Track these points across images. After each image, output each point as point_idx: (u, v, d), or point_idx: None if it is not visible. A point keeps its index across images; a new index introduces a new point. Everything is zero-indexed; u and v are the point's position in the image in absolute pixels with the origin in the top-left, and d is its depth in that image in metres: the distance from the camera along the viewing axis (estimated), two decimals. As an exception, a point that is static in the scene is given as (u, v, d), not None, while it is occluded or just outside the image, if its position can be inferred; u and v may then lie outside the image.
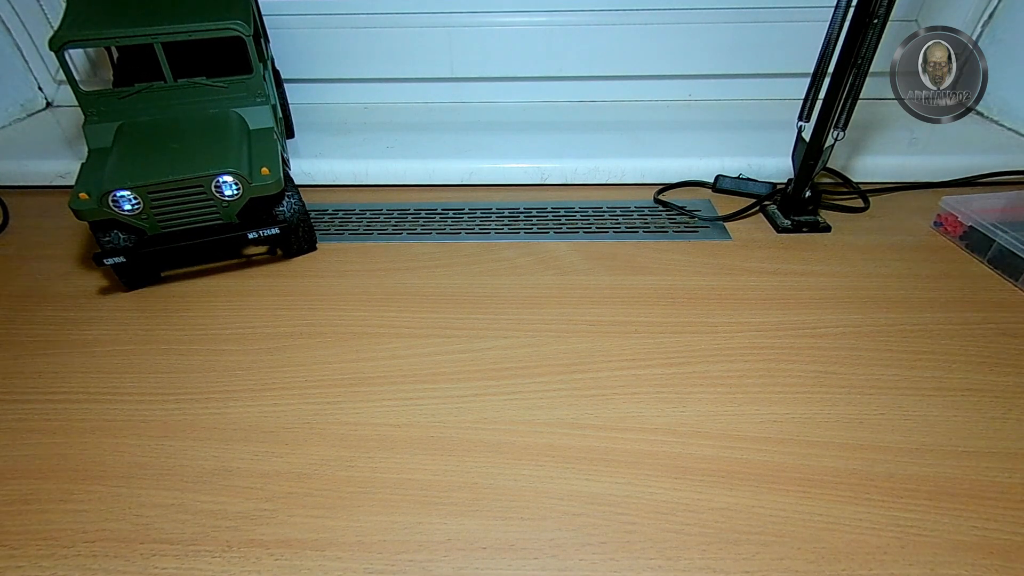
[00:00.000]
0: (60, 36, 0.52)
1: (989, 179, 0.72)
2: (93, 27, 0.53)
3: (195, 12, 0.56)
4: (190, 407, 0.44)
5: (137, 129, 0.55)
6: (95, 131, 0.55)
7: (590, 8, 0.84)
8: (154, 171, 0.51)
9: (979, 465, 0.39)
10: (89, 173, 0.52)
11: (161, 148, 0.53)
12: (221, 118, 0.58)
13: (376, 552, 0.34)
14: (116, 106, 0.56)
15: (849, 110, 0.58)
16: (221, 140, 0.55)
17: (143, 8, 0.56)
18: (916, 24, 0.83)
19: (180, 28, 0.54)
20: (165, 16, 0.55)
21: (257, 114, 0.59)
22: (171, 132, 0.55)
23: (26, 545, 0.35)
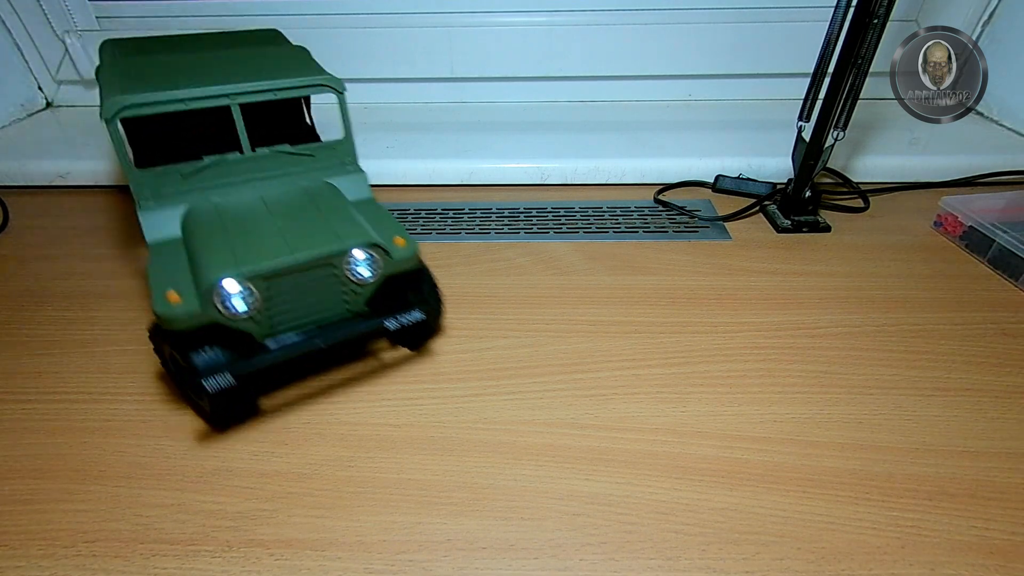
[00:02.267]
0: (116, 102, 0.40)
1: (989, 179, 0.72)
2: (153, 88, 0.42)
3: (266, 68, 0.47)
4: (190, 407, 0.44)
5: (216, 212, 0.43)
6: (155, 219, 0.43)
7: (590, 8, 0.84)
8: (270, 253, 0.39)
9: (979, 465, 0.39)
10: (168, 270, 0.39)
11: (261, 229, 0.42)
12: (318, 190, 0.47)
13: (376, 552, 0.34)
14: (178, 187, 0.44)
15: (849, 110, 0.58)
16: (335, 212, 0.44)
17: (198, 66, 0.47)
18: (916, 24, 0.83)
19: (263, 86, 0.44)
20: (226, 73, 0.45)
21: (351, 184, 0.48)
22: (263, 211, 0.44)
23: (26, 545, 0.35)
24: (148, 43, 0.54)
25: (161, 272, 0.39)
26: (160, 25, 0.86)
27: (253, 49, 0.52)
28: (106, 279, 0.58)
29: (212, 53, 0.51)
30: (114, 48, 0.53)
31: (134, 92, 0.41)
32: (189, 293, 0.37)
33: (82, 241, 0.64)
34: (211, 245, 0.40)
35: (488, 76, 0.89)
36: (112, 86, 0.43)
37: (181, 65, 0.47)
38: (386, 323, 0.42)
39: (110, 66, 0.47)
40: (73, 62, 0.87)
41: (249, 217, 0.43)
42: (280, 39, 0.58)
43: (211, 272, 0.37)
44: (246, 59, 0.49)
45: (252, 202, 0.45)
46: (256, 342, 0.40)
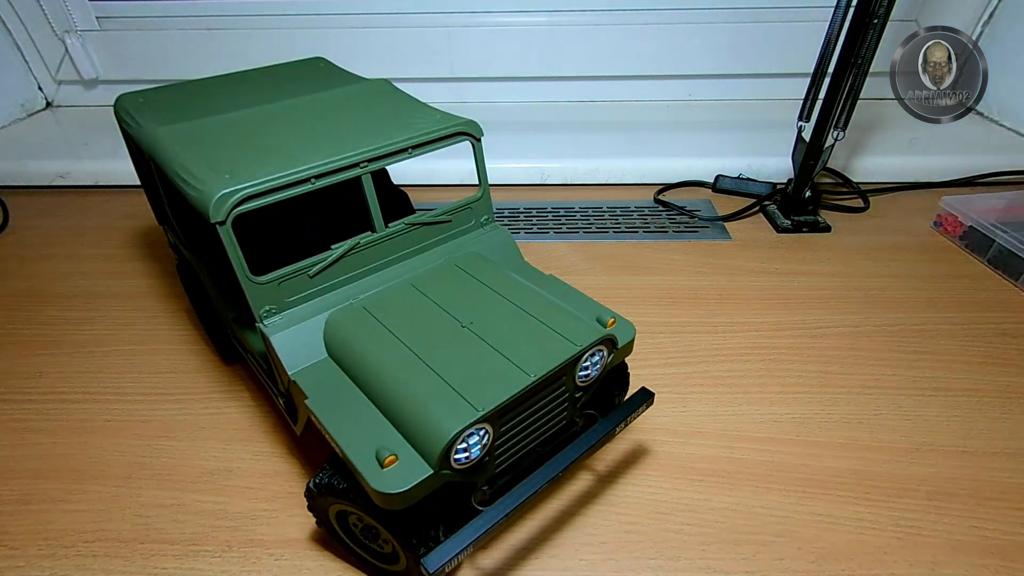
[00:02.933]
0: (229, 196, 0.30)
1: (989, 179, 0.72)
2: (261, 165, 0.32)
3: (376, 117, 0.38)
4: (190, 407, 0.44)
5: (375, 320, 0.33)
6: (292, 341, 0.33)
7: (590, 8, 0.84)
8: (496, 375, 0.30)
9: (979, 465, 0.39)
10: (352, 417, 0.30)
11: (452, 337, 0.32)
12: (475, 266, 0.37)
13: (376, 552, 0.34)
14: (307, 290, 0.34)
15: (849, 110, 0.58)
16: (524, 297, 0.35)
17: (291, 126, 0.37)
18: (916, 24, 0.83)
19: (396, 143, 0.35)
20: (336, 132, 0.36)
21: (499, 247, 0.40)
22: (434, 308, 0.34)
23: (26, 545, 0.35)
24: (185, 97, 0.43)
25: (347, 424, 0.29)
26: (160, 25, 0.86)
27: (330, 92, 0.43)
28: (106, 279, 0.58)
29: (284, 103, 0.41)
30: (146, 109, 0.41)
31: (241, 176, 0.31)
32: (408, 452, 0.28)
33: (82, 241, 0.64)
34: (405, 374, 0.30)
35: (488, 76, 0.88)
36: (200, 169, 0.32)
37: (264, 126, 0.37)
38: (617, 427, 0.33)
39: (170, 140, 0.36)
40: (73, 62, 0.87)
41: (424, 321, 0.33)
42: (337, 71, 0.50)
43: (442, 419, 0.27)
44: (338, 108, 0.40)
45: (412, 297, 0.35)
46: (473, 489, 0.31)
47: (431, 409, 0.28)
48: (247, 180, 0.31)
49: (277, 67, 0.50)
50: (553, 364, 0.30)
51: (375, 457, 0.27)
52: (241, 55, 0.87)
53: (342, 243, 0.35)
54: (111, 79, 0.90)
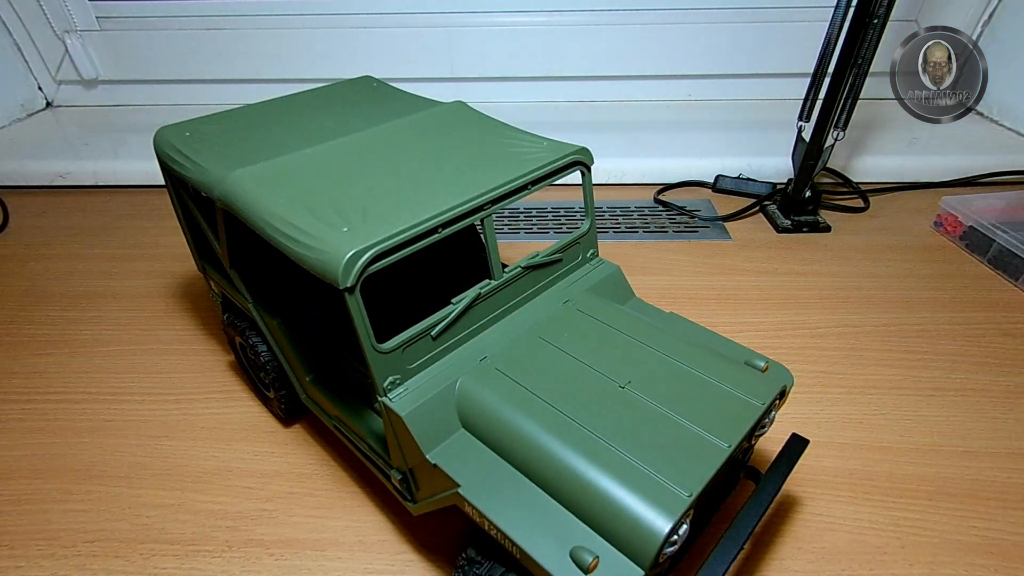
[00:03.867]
0: (358, 257, 0.25)
1: (989, 179, 0.72)
2: (389, 217, 0.28)
3: (477, 147, 0.35)
4: (190, 407, 0.44)
5: (515, 384, 0.29)
6: (427, 418, 0.28)
7: (590, 8, 0.84)
8: (689, 450, 0.26)
9: (979, 465, 0.39)
10: (527, 508, 0.26)
11: (616, 402, 0.28)
12: (605, 311, 0.34)
13: (376, 552, 0.34)
14: (429, 353, 0.30)
15: (849, 110, 0.58)
16: (667, 345, 0.32)
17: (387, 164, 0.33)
18: (916, 24, 0.83)
19: (514, 181, 0.31)
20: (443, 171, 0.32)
21: (607, 279, 0.37)
22: (574, 365, 0.30)
23: (26, 545, 0.35)
24: (239, 130, 0.39)
25: (519, 516, 0.25)
26: (160, 25, 0.86)
27: (410, 119, 0.39)
28: (106, 279, 0.58)
29: (363, 135, 0.37)
30: (199, 146, 0.37)
31: (364, 230, 0.27)
32: (607, 550, 0.24)
33: (82, 241, 0.64)
34: (579, 451, 0.26)
35: (488, 76, 0.89)
36: (306, 221, 0.28)
37: (356, 164, 0.33)
38: (782, 482, 0.30)
39: (251, 185, 0.31)
40: (73, 62, 0.87)
41: (572, 380, 0.29)
42: (397, 91, 0.45)
43: (650, 511, 0.24)
44: (430, 138, 0.36)
45: (546, 352, 0.31)
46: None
47: (631, 498, 0.24)
48: (375, 236, 0.26)
49: (328, 90, 0.45)
50: (744, 429, 0.27)
51: (571, 559, 0.23)
52: (241, 55, 0.87)
53: (462, 296, 0.31)
54: (111, 79, 0.90)
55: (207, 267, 0.43)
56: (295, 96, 0.44)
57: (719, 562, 0.26)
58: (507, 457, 0.27)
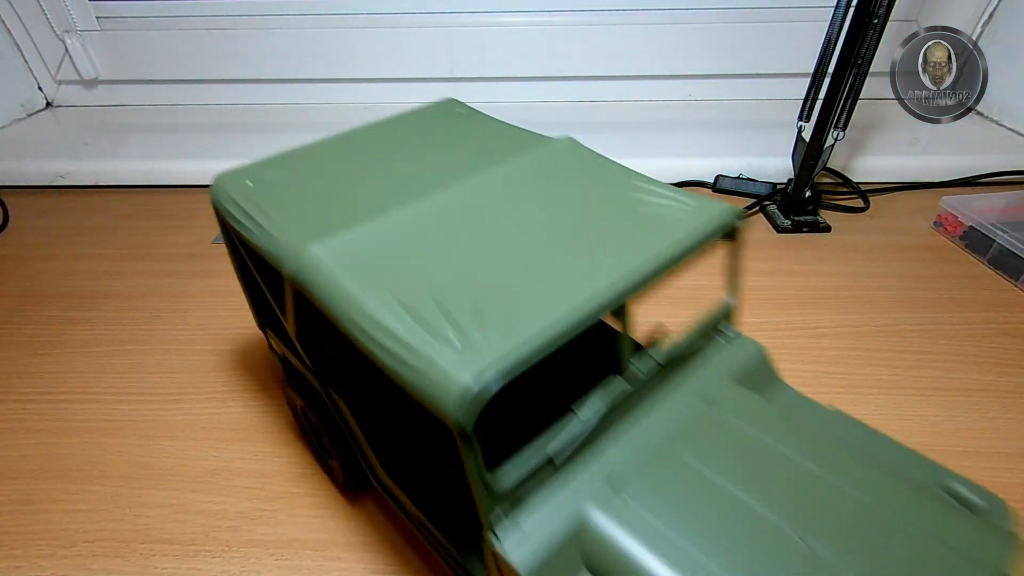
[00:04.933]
0: (478, 390, 0.19)
1: (989, 179, 0.72)
2: (514, 318, 0.22)
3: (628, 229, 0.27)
4: (190, 407, 0.44)
5: (669, 533, 0.22)
6: (545, 560, 0.22)
7: (590, 8, 0.84)
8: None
9: (979, 465, 0.39)
10: None
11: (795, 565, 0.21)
12: (762, 418, 0.27)
13: (376, 552, 0.34)
14: (545, 478, 0.24)
15: (849, 110, 0.58)
16: (849, 471, 0.25)
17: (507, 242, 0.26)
18: (916, 24, 0.83)
19: (659, 261, 0.26)
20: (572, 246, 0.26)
21: (750, 365, 0.32)
22: (746, 509, 0.23)
23: (26, 545, 0.35)
24: (311, 179, 0.32)
25: None
26: (160, 25, 0.86)
27: (516, 167, 0.32)
28: (106, 279, 0.58)
29: (463, 188, 0.30)
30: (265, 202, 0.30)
31: (482, 342, 0.21)
32: None
33: (82, 241, 0.64)
34: None
35: (488, 76, 0.89)
36: (404, 326, 0.22)
37: (463, 234, 0.27)
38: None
39: (332, 269, 0.25)
40: (73, 62, 0.87)
41: (735, 528, 0.23)
42: (489, 121, 0.39)
43: None
44: (544, 196, 0.29)
45: (696, 482, 0.24)
46: None
47: None
48: (496, 351, 0.20)
49: (408, 119, 0.38)
50: None
51: None
52: (241, 55, 0.87)
53: (586, 401, 0.24)
54: (111, 79, 0.90)
55: (268, 328, 0.38)
56: (371, 129, 0.37)
57: None
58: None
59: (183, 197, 0.73)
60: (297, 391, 0.36)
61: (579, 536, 0.23)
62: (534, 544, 0.22)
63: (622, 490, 0.24)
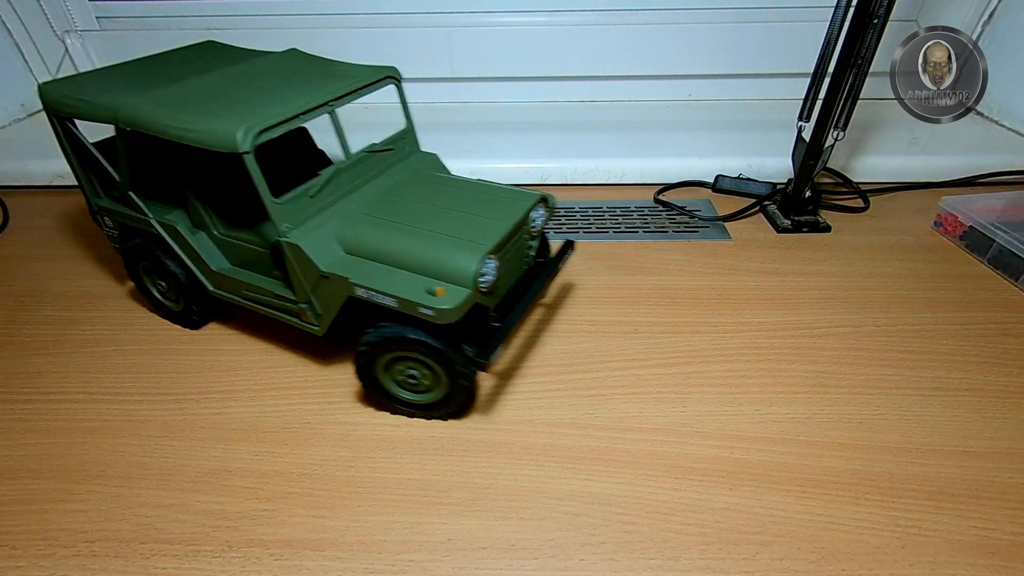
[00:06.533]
0: (250, 129, 0.36)
1: (989, 179, 0.72)
2: (264, 111, 0.39)
3: (323, 74, 0.46)
4: (190, 407, 0.44)
5: (379, 217, 0.42)
6: (318, 245, 0.39)
7: (590, 8, 0.84)
8: (489, 227, 0.40)
9: (979, 465, 0.39)
10: (396, 278, 0.38)
11: (443, 214, 0.42)
12: (428, 176, 0.48)
13: (376, 552, 0.34)
14: (311, 207, 0.41)
15: (849, 110, 0.58)
16: (474, 185, 0.46)
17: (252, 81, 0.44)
18: (916, 24, 0.83)
19: (349, 87, 0.44)
20: (294, 83, 0.44)
21: (431, 162, 0.51)
22: (419, 203, 0.44)
23: (26, 545, 0.35)
24: (122, 76, 0.47)
25: (390, 282, 0.37)
26: (160, 25, 0.86)
27: (262, 61, 0.49)
28: (106, 279, 0.58)
29: (229, 71, 0.46)
30: (93, 90, 0.44)
31: (250, 118, 0.37)
32: (447, 285, 0.37)
33: (82, 241, 0.64)
34: (424, 242, 0.39)
35: (488, 76, 0.88)
36: (206, 119, 0.37)
37: (232, 87, 0.43)
38: (560, 263, 0.48)
39: (156, 104, 0.40)
40: (73, 62, 0.87)
41: (412, 210, 0.42)
42: (240, 49, 0.54)
43: (465, 257, 0.37)
44: (283, 70, 0.47)
45: (392, 198, 0.44)
46: (488, 312, 0.41)
47: (454, 254, 0.38)
48: (259, 117, 0.37)
49: (177, 53, 0.53)
50: (522, 212, 0.43)
51: (426, 292, 0.36)
52: (241, 55, 0.87)
53: (327, 169, 0.42)
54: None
55: (101, 208, 0.49)
56: (154, 56, 0.51)
57: (522, 306, 0.43)
58: (374, 258, 0.39)
59: (183, 197, 0.73)
60: (136, 254, 0.50)
61: (335, 233, 0.40)
62: (306, 234, 0.39)
63: (346, 207, 0.42)
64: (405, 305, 0.36)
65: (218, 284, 0.46)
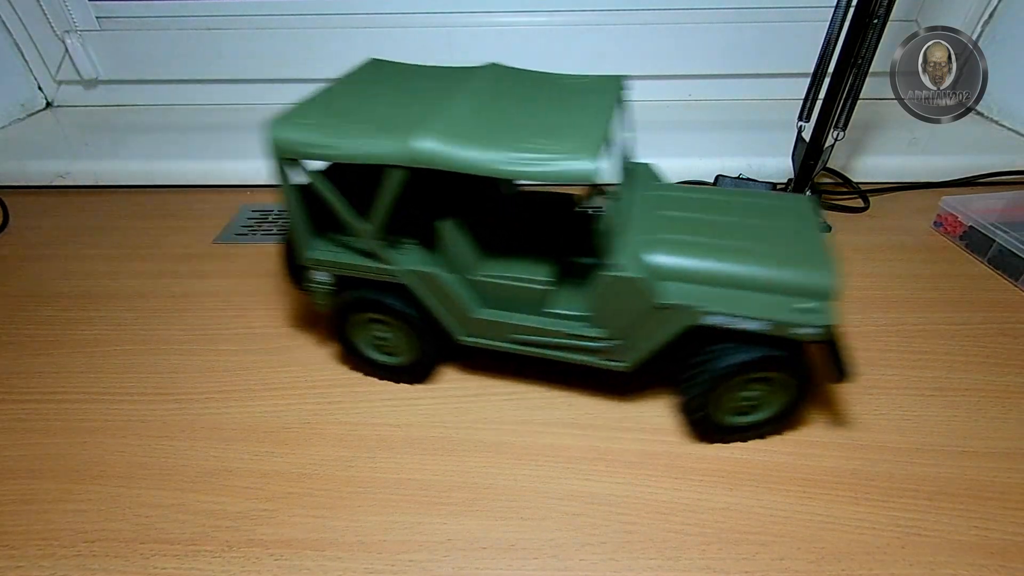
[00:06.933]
0: (596, 154, 0.34)
1: (989, 179, 0.72)
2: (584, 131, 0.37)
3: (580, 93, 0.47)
4: (190, 407, 0.44)
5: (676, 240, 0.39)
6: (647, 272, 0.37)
7: (590, 8, 0.84)
8: (806, 244, 0.38)
9: (979, 465, 0.39)
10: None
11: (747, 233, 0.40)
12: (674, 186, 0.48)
13: (376, 552, 0.34)
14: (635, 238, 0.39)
15: (849, 110, 0.58)
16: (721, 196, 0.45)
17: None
18: (916, 24, 0.83)
19: (610, 100, 0.46)
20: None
21: (653, 173, 0.51)
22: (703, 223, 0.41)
23: (26, 545, 0.35)
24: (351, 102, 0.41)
25: (752, 301, 0.36)
26: (160, 25, 0.86)
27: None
28: (106, 279, 0.58)
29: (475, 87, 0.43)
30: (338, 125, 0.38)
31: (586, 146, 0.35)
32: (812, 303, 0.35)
33: (82, 241, 0.64)
34: (758, 259, 0.37)
35: (488, 76, 0.88)
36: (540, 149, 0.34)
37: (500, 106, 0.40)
38: None
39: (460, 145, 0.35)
40: (73, 62, 0.87)
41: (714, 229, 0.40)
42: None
43: (819, 273, 0.36)
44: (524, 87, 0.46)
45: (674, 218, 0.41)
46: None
47: (808, 271, 0.36)
48: (591, 143, 0.35)
49: (359, 76, 0.47)
50: (814, 219, 0.41)
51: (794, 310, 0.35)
52: (241, 55, 0.87)
53: (617, 199, 0.42)
54: (111, 79, 0.90)
55: (317, 261, 0.42)
56: (339, 87, 0.44)
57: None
58: (702, 282, 0.37)
59: (183, 197, 0.73)
60: (352, 308, 0.43)
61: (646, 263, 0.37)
62: (637, 267, 0.37)
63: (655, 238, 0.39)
64: (779, 327, 0.35)
65: (474, 330, 0.41)
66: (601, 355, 0.40)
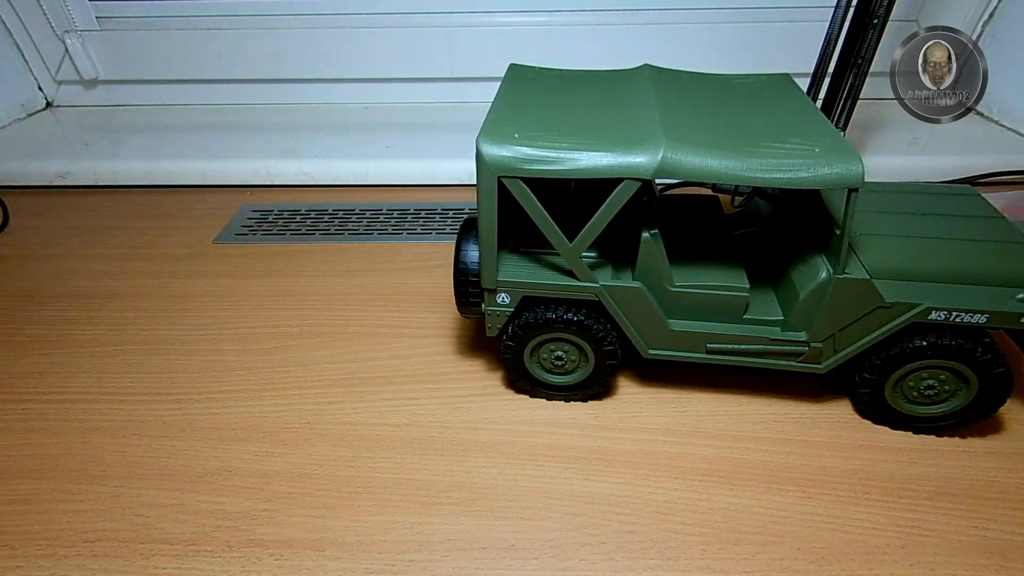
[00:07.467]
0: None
1: (989, 179, 0.72)
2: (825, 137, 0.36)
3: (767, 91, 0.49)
4: (190, 407, 0.44)
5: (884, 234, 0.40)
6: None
7: (590, 8, 0.84)
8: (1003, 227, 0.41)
9: (979, 465, 0.39)
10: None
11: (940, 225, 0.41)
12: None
13: (376, 552, 0.34)
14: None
15: (849, 110, 0.58)
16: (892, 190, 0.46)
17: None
18: (916, 24, 0.83)
19: (800, 94, 0.47)
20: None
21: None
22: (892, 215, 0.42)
23: (26, 545, 0.35)
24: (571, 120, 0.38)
25: (972, 294, 0.37)
26: (160, 25, 0.86)
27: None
28: (106, 279, 0.58)
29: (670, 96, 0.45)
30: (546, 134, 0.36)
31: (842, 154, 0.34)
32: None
33: (82, 241, 0.64)
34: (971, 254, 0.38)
35: (488, 76, 0.88)
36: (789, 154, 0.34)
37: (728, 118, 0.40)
38: None
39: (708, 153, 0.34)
40: (73, 62, 0.87)
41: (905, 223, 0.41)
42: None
43: None
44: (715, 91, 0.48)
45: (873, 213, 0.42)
46: None
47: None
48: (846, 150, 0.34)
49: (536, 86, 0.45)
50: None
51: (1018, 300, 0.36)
52: (241, 55, 0.87)
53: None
54: (111, 79, 0.90)
55: (502, 284, 0.40)
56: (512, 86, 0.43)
57: None
58: (918, 278, 0.37)
59: (183, 197, 0.73)
60: (532, 330, 0.41)
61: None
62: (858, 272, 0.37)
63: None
64: (1003, 318, 0.36)
65: (666, 343, 0.40)
66: (800, 359, 0.39)
